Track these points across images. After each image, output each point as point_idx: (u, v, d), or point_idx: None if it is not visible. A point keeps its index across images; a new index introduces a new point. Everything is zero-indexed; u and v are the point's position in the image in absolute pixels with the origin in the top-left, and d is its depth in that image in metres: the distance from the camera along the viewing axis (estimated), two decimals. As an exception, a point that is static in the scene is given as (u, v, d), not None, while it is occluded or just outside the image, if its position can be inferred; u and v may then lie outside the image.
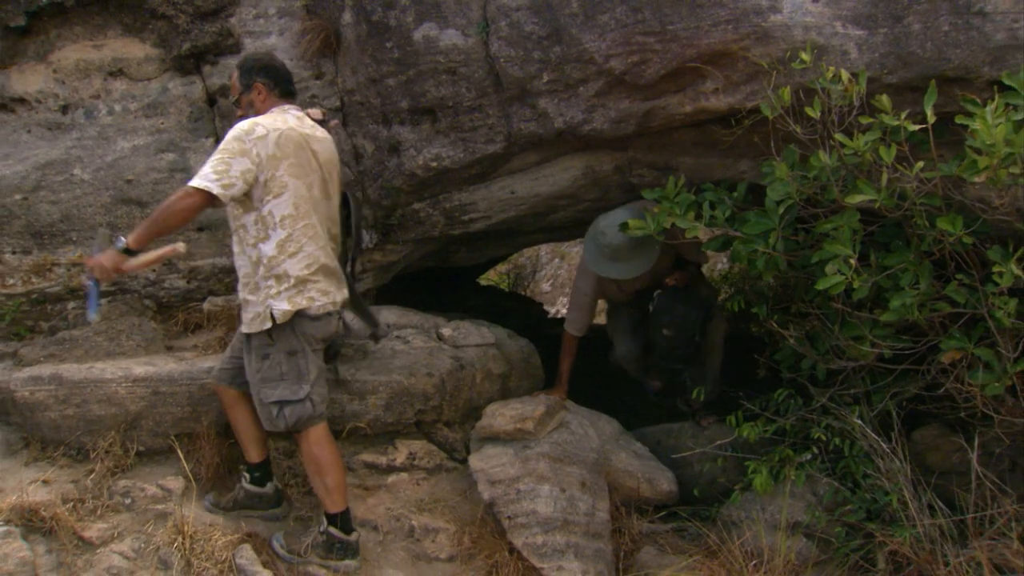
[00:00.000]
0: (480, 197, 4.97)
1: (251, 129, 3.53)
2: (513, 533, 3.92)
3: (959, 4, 3.34)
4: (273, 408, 3.66)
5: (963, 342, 3.66)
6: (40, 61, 4.85)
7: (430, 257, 5.69)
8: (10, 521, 3.72)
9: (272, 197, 3.55)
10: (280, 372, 3.63)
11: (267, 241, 3.58)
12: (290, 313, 3.57)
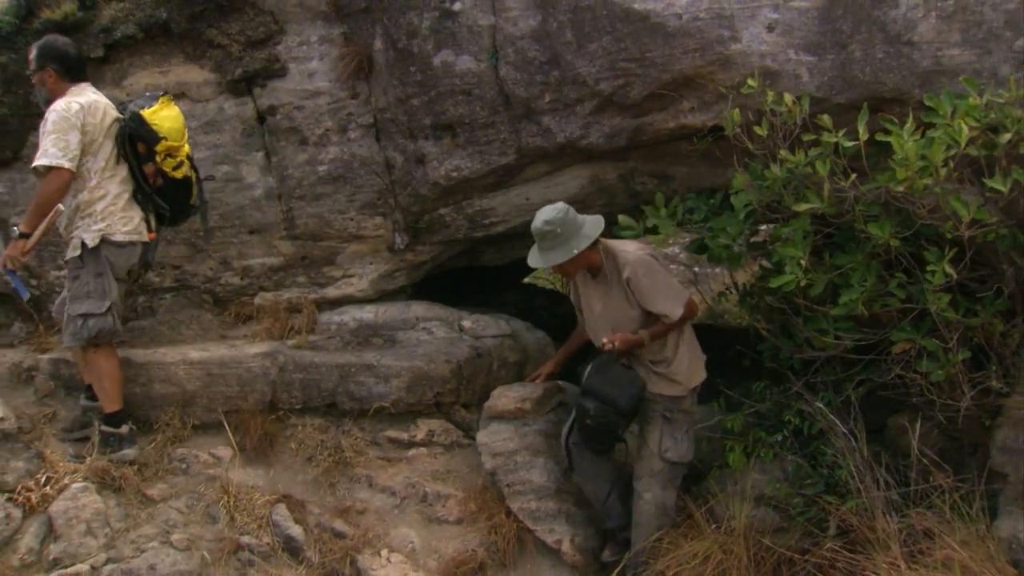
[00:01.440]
0: (499, 203, 5.59)
1: (68, 107, 4.46)
2: (511, 499, 4.55)
3: (891, 34, 3.84)
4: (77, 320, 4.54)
5: (912, 334, 4.15)
6: (116, 86, 5.64)
7: (459, 257, 6.30)
8: (87, 479, 4.49)
9: (90, 156, 4.52)
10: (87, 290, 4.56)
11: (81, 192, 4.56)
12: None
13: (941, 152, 3.44)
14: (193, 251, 5.77)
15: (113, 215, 4.60)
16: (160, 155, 4.69)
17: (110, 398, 4.67)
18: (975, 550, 3.60)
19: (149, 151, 4.66)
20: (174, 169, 4.78)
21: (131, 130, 4.61)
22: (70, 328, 4.60)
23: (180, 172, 4.82)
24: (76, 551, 4.20)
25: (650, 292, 4.18)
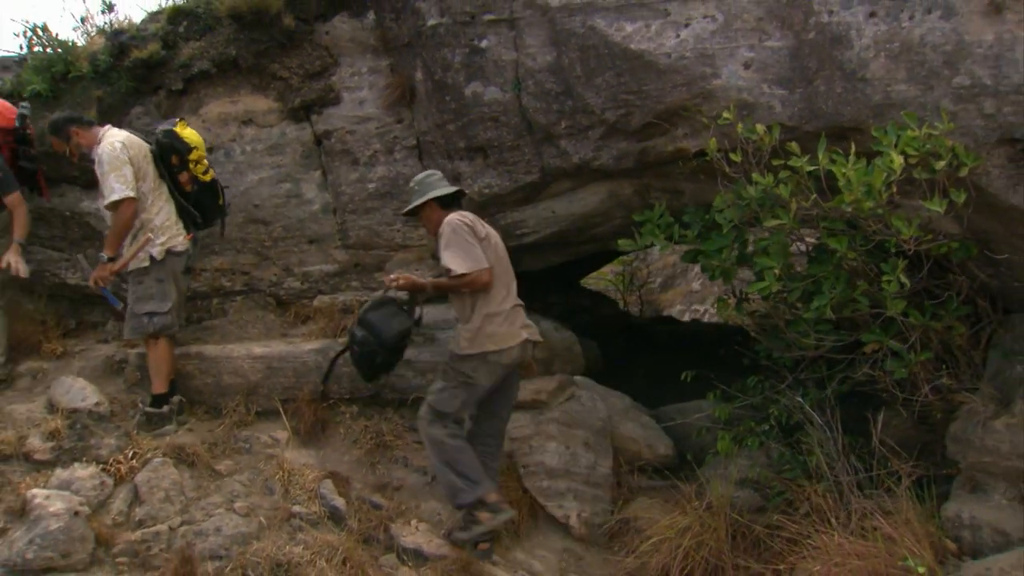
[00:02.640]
0: (528, 215, 6.29)
1: (112, 147, 5.37)
2: (525, 478, 5.26)
3: (847, 72, 4.42)
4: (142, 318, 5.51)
5: (880, 336, 4.72)
6: (193, 114, 6.52)
7: (498, 264, 7.02)
8: (167, 455, 5.34)
9: (140, 181, 5.44)
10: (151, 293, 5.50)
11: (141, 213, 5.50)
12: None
13: (881, 178, 4.02)
14: (260, 259, 6.62)
15: (171, 228, 5.58)
16: (192, 162, 5.62)
17: (160, 381, 5.63)
18: (918, 527, 4.16)
19: (182, 161, 5.60)
20: (204, 173, 5.75)
21: (167, 144, 5.55)
22: (132, 323, 5.59)
23: (208, 176, 5.79)
24: (157, 514, 5.05)
25: (443, 247, 4.85)
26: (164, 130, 5.56)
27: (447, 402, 4.92)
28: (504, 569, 4.89)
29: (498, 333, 4.85)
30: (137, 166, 5.45)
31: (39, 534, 4.62)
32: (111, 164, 5.35)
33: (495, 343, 4.83)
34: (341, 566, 4.69)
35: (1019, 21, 4.04)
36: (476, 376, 4.87)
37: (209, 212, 5.91)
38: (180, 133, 5.57)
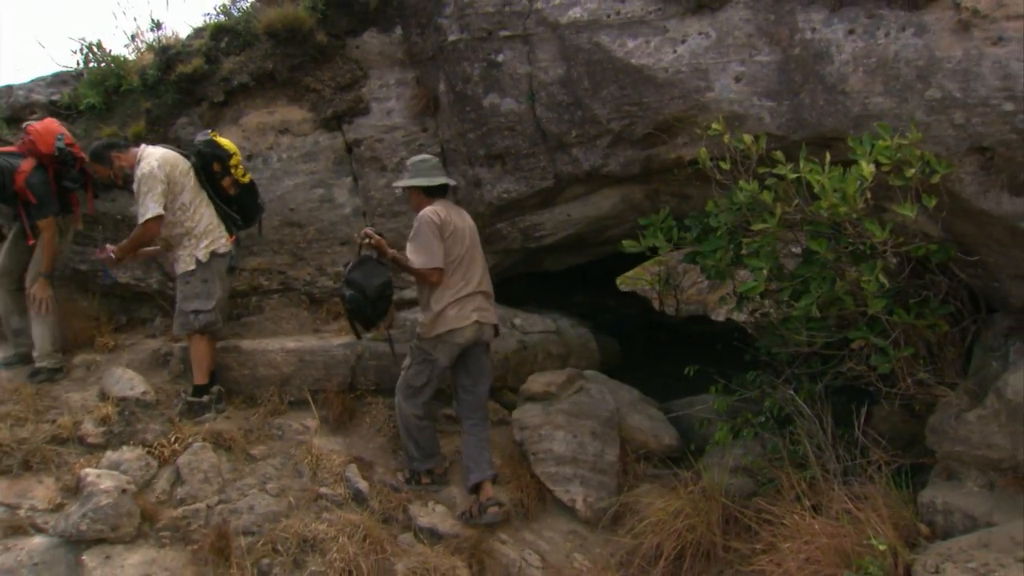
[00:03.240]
0: (546, 219, 6.70)
1: (149, 167, 5.86)
2: (535, 464, 5.67)
3: (829, 85, 4.76)
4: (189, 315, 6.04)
5: (866, 333, 5.04)
6: (233, 124, 7.05)
7: (521, 264, 7.44)
8: (206, 440, 5.85)
9: (178, 195, 5.96)
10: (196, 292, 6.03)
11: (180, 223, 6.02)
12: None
13: (855, 185, 4.36)
14: (295, 259, 7.12)
15: (213, 232, 6.07)
16: (233, 167, 6.12)
17: (202, 373, 6.15)
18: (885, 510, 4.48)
19: (224, 167, 6.10)
20: (243, 176, 6.25)
21: (209, 153, 6.05)
22: (180, 320, 6.13)
23: (247, 178, 6.28)
24: (196, 493, 5.55)
25: (411, 236, 5.53)
26: (204, 140, 6.06)
27: (415, 377, 5.60)
28: (512, 548, 5.31)
29: (451, 316, 5.47)
30: (173, 181, 5.95)
31: (91, 509, 5.14)
32: (148, 184, 5.85)
33: (448, 325, 5.47)
34: (361, 542, 5.13)
35: (985, 38, 4.34)
36: (435, 354, 5.54)
37: (250, 212, 6.43)
38: (223, 143, 6.09)
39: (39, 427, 5.87)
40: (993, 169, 4.48)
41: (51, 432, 5.83)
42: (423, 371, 5.60)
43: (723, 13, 5.12)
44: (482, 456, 5.51)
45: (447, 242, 5.48)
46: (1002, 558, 3.89)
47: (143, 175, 5.87)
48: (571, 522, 5.58)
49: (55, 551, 5.11)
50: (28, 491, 5.47)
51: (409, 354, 5.69)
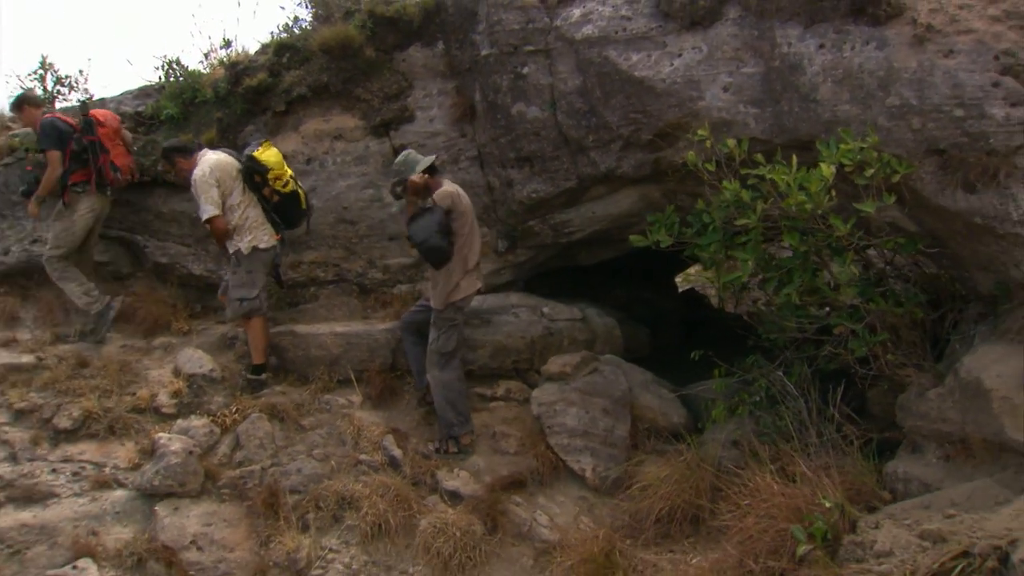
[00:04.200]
0: (573, 216, 7.37)
1: (202, 172, 6.79)
2: (550, 436, 6.35)
3: (803, 94, 5.34)
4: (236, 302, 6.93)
5: (846, 319, 5.59)
6: (294, 131, 7.91)
7: (556, 259, 8.11)
8: (262, 411, 6.70)
9: (229, 195, 6.85)
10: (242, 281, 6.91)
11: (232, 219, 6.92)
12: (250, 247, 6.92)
13: (817, 184, 4.93)
14: (348, 253, 7.94)
15: (257, 229, 6.93)
16: (272, 179, 6.91)
17: (258, 354, 7.05)
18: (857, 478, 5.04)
19: (263, 179, 6.92)
20: (284, 186, 7.01)
21: (248, 167, 6.89)
22: (230, 307, 7.06)
23: (288, 188, 7.04)
24: (252, 457, 6.40)
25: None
26: (247, 155, 6.92)
27: (446, 344, 6.45)
28: (524, 509, 6.00)
29: (463, 285, 6.45)
30: (224, 185, 6.83)
31: (163, 467, 6.04)
32: (201, 188, 6.77)
33: (461, 293, 6.46)
34: (392, 501, 5.91)
35: (937, 51, 4.88)
36: (456, 318, 6.50)
37: (292, 217, 7.25)
38: (259, 157, 6.86)
39: (122, 398, 6.81)
40: (949, 169, 5.00)
41: (132, 403, 6.77)
42: (452, 336, 6.46)
43: (713, 29, 5.74)
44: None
45: (457, 222, 6.37)
46: (934, 515, 4.42)
47: (196, 180, 6.77)
48: (581, 489, 6.24)
49: (133, 502, 6.05)
50: (112, 452, 6.41)
51: (433, 329, 6.47)
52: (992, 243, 5.00)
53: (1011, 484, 4.55)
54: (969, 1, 4.94)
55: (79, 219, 7.34)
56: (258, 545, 5.83)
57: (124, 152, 7.54)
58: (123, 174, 7.46)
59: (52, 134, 7.13)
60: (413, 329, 6.82)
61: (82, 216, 7.35)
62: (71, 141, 7.17)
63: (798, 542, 4.51)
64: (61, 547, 5.68)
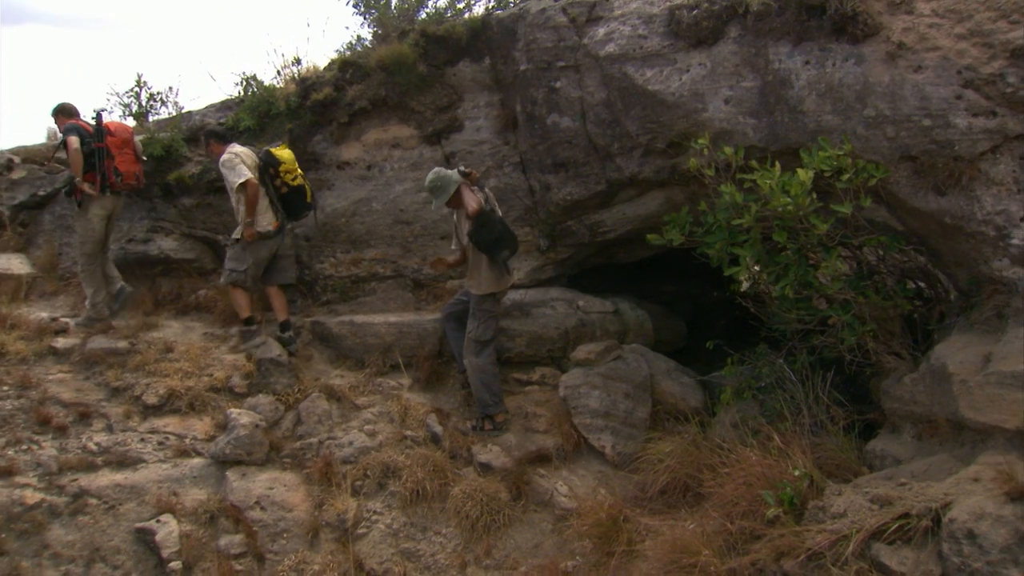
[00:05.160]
0: (606, 217, 8.07)
1: (229, 154, 7.95)
2: (574, 417, 7.07)
3: (791, 106, 5.95)
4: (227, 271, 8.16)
5: (838, 311, 6.17)
6: (356, 140, 8.81)
7: (595, 256, 8.82)
8: (320, 392, 7.61)
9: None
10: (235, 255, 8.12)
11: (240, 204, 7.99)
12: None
13: (798, 187, 5.55)
14: (404, 251, 8.79)
15: (259, 215, 7.97)
16: (283, 172, 7.99)
17: (241, 312, 8.29)
18: (837, 455, 5.64)
19: (276, 171, 7.99)
20: (293, 180, 8.08)
21: (265, 160, 7.96)
22: (223, 275, 8.23)
23: (296, 182, 8.12)
24: (311, 431, 7.31)
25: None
26: (265, 151, 8.06)
27: (484, 332, 7.30)
28: (548, 480, 6.74)
29: (490, 282, 7.24)
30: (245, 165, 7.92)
31: (233, 438, 6.97)
32: (229, 164, 7.87)
33: (499, 286, 7.30)
34: (430, 471, 6.73)
35: (907, 67, 5.44)
36: (494, 309, 7.35)
37: (296, 208, 8.37)
38: (275, 153, 8.02)
39: (201, 379, 7.79)
40: (921, 174, 5.56)
41: (209, 383, 7.74)
42: (490, 326, 7.32)
43: (716, 47, 6.38)
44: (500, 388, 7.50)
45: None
46: (891, 484, 5.01)
47: (224, 160, 7.92)
48: (601, 464, 6.94)
49: (208, 468, 6.99)
50: (191, 425, 7.38)
51: (472, 319, 7.28)
52: (963, 241, 5.53)
53: (965, 458, 5.09)
54: (938, 20, 5.48)
55: (94, 218, 8.35)
56: (313, 507, 6.70)
57: (132, 160, 8.53)
58: (126, 179, 8.41)
59: (72, 128, 8.26)
60: (453, 318, 7.61)
61: (96, 215, 8.36)
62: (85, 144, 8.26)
63: (768, 506, 5.14)
64: (147, 504, 6.64)
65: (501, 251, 7.11)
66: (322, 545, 6.45)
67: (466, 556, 6.26)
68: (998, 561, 4.09)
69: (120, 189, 8.47)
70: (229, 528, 6.57)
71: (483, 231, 6.98)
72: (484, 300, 7.24)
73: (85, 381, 7.72)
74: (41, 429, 7.11)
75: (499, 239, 7.03)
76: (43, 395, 7.38)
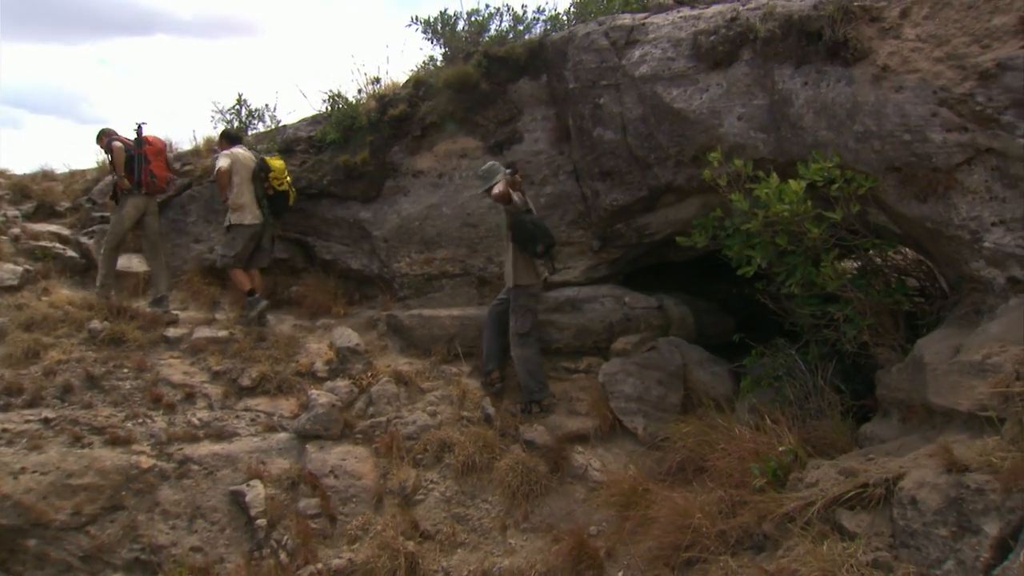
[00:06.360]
0: (651, 220, 8.91)
1: (222, 156, 9.57)
2: (611, 401, 7.96)
3: (792, 122, 6.70)
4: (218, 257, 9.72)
5: (843, 307, 6.90)
6: (428, 151, 9.87)
7: (645, 256, 9.64)
8: (390, 377, 8.70)
9: (236, 176, 9.47)
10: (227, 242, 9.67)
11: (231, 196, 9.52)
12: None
13: (791, 196, 6.33)
14: (471, 251, 9.80)
15: (244, 209, 9.33)
16: (271, 178, 9.33)
17: (241, 287, 9.72)
18: (830, 435, 6.39)
19: (265, 176, 9.34)
20: (279, 185, 9.48)
21: (258, 165, 9.32)
22: (218, 260, 9.61)
23: (282, 187, 9.69)
24: (381, 411, 8.39)
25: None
26: (261, 158, 9.56)
27: (522, 325, 8.30)
28: (584, 457, 7.65)
29: (532, 272, 8.20)
30: (235, 169, 9.37)
31: (313, 415, 8.11)
32: (219, 158, 9.38)
33: (530, 278, 8.20)
34: (481, 447, 7.72)
35: (890, 87, 6.13)
36: (529, 304, 8.26)
37: (278, 209, 9.85)
38: (268, 161, 9.59)
39: (288, 365, 8.98)
40: (905, 183, 6.25)
41: (295, 368, 8.92)
42: (527, 319, 8.27)
43: (731, 69, 7.18)
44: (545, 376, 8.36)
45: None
46: (861, 459, 5.75)
47: (217, 155, 9.56)
48: (633, 443, 7.81)
49: (291, 442, 8.13)
50: (279, 405, 8.55)
51: (512, 314, 8.25)
52: (944, 243, 6.21)
53: (932, 438, 5.78)
54: (920, 45, 6.16)
55: (125, 215, 9.79)
56: (378, 476, 7.77)
57: (163, 166, 10.02)
58: (159, 182, 9.90)
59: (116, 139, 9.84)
60: (494, 316, 8.63)
61: (128, 213, 9.80)
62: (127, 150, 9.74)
63: (755, 477, 5.95)
64: (240, 471, 7.81)
65: (535, 245, 8.05)
66: (385, 509, 7.48)
67: (507, 520, 7.21)
68: (931, 522, 4.77)
69: (152, 191, 9.91)
70: (307, 493, 7.66)
71: (516, 229, 8.07)
72: (518, 295, 8.22)
73: (191, 366, 8.97)
74: (154, 406, 8.37)
75: (532, 235, 8.01)
76: (156, 377, 8.66)
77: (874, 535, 5.06)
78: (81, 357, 8.63)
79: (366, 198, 10.05)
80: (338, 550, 7.07)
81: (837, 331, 6.89)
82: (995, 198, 5.83)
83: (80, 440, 7.73)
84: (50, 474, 7.33)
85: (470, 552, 7.01)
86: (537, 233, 8.06)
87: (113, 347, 8.92)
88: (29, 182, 11.76)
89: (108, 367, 8.59)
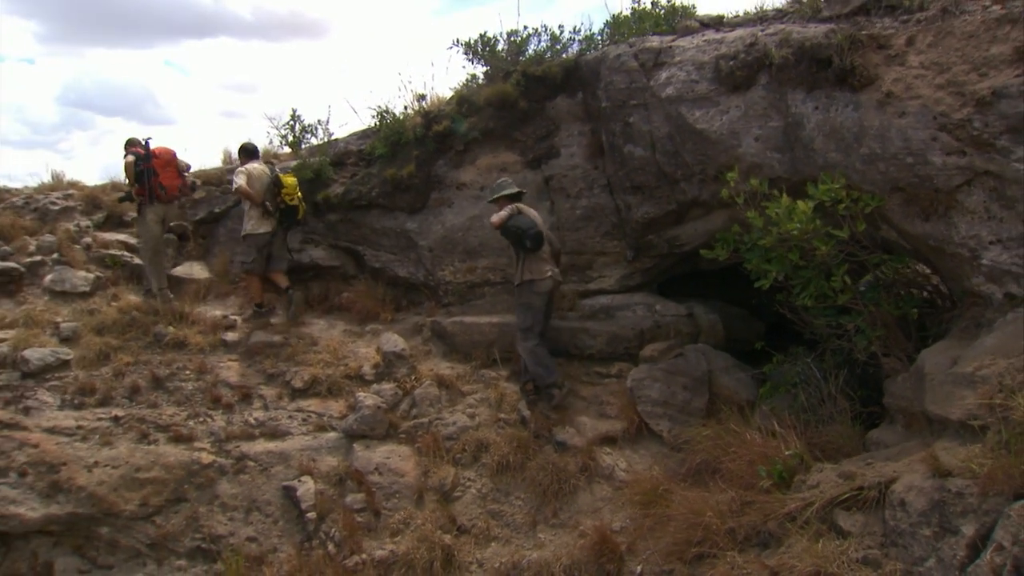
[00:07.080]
0: (680, 232, 9.38)
1: (238, 172, 10.35)
2: (638, 404, 8.46)
3: (804, 144, 7.13)
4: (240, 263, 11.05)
5: (854, 318, 7.33)
6: (471, 165, 10.44)
7: (677, 265, 10.10)
8: (433, 381, 9.30)
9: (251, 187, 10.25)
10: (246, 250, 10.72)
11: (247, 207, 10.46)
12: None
13: (800, 215, 6.77)
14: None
15: (255, 219, 10.06)
16: (283, 193, 10.05)
17: (255, 298, 10.50)
18: (843, 441, 6.84)
19: (278, 191, 10.04)
20: (289, 200, 10.29)
21: (274, 180, 10.01)
22: (240, 266, 10.35)
23: (292, 202, 10.47)
24: (423, 413, 8.99)
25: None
26: (275, 174, 10.25)
27: (523, 321, 8.87)
28: (611, 457, 8.16)
29: (534, 270, 8.67)
30: (251, 183, 10.08)
31: (359, 416, 8.75)
32: (236, 175, 10.08)
33: (530, 275, 8.74)
34: (515, 447, 8.28)
35: (894, 112, 6.55)
36: (531, 300, 8.80)
37: (288, 221, 10.59)
38: (282, 178, 10.31)
39: (338, 368, 9.63)
40: (909, 202, 6.67)
41: (344, 371, 9.57)
42: (528, 315, 8.83)
43: (749, 92, 7.64)
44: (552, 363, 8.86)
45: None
46: (860, 463, 6.20)
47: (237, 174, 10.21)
48: (659, 446, 8.30)
49: (340, 440, 8.77)
50: (329, 406, 9.20)
51: (516, 311, 8.95)
52: (947, 260, 6.62)
53: (930, 444, 6.20)
54: (923, 72, 6.57)
55: (150, 223, 10.54)
56: (420, 474, 8.37)
57: (174, 176, 10.73)
58: (169, 192, 10.61)
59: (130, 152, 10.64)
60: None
61: (151, 221, 10.54)
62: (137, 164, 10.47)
63: (762, 478, 6.43)
64: (292, 467, 8.48)
65: (523, 240, 8.67)
66: (426, 504, 8.08)
67: (537, 516, 7.76)
68: (917, 523, 5.20)
69: (165, 200, 10.64)
70: (353, 488, 8.28)
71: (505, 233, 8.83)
72: (520, 292, 8.81)
73: (248, 368, 9.68)
74: (213, 406, 9.09)
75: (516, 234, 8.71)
76: (215, 379, 9.38)
77: (867, 534, 5.50)
78: (148, 360, 9.40)
79: (412, 209, 10.65)
80: (381, 542, 7.67)
81: (850, 341, 7.29)
82: (993, 218, 6.21)
83: (147, 437, 8.47)
84: (120, 468, 8.08)
85: (502, 546, 7.57)
86: (520, 232, 8.66)
87: (176, 350, 9.66)
88: (99, 193, 12.54)
89: (172, 369, 9.34)
